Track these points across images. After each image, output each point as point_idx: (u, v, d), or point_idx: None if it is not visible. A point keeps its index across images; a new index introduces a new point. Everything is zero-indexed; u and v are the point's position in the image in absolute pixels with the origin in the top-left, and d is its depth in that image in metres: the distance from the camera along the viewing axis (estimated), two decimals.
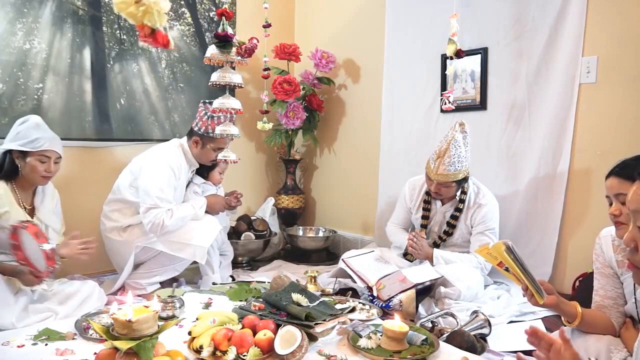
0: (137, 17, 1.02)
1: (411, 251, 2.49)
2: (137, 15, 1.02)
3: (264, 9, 2.23)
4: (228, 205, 2.73)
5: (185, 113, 3.20)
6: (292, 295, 1.90)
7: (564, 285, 2.38)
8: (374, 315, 2.08)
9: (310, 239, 3.42)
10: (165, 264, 2.49)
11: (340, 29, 3.46)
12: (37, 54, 2.59)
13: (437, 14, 2.76)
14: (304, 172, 3.81)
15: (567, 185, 2.39)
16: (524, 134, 2.54)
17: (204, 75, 3.18)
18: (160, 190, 2.40)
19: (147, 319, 1.41)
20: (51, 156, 2.09)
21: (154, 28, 1.04)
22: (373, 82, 3.24)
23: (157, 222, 2.36)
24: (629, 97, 2.18)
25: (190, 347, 1.66)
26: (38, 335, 1.82)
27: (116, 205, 2.53)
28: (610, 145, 2.24)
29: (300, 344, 1.60)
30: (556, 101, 2.39)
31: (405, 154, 3.03)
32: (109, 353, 1.45)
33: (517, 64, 2.53)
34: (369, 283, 2.31)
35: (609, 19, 2.21)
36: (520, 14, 2.49)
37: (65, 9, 2.68)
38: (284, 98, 3.25)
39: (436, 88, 2.85)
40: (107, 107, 2.86)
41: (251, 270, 3.07)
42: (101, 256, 2.63)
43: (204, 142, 2.55)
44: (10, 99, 2.52)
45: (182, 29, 3.16)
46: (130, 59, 2.94)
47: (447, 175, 2.32)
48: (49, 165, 2.09)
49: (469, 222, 2.47)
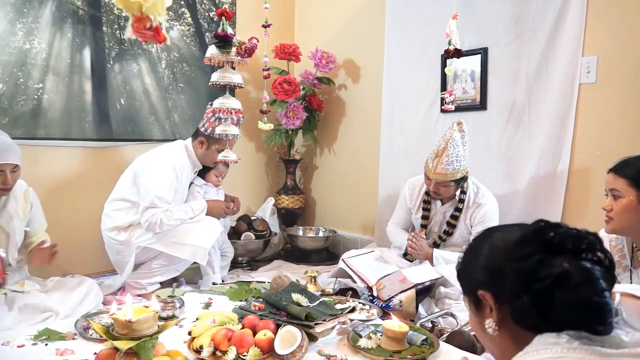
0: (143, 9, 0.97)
1: (411, 251, 2.49)
2: (147, 6, 0.97)
3: (264, 9, 2.23)
4: (226, 212, 2.72)
5: (185, 113, 3.20)
6: (292, 295, 1.90)
7: None
8: (374, 315, 2.08)
9: (310, 239, 3.42)
10: (166, 264, 2.49)
11: (340, 29, 3.46)
12: (37, 54, 2.59)
13: (437, 14, 2.76)
14: (304, 172, 3.81)
15: (567, 185, 2.39)
16: (524, 134, 2.54)
17: (204, 75, 3.18)
18: (161, 190, 2.40)
19: (147, 319, 1.42)
20: (5, 169, 1.96)
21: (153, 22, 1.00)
22: (373, 82, 3.24)
23: (154, 222, 2.36)
24: (629, 97, 2.18)
25: (190, 347, 1.66)
26: (38, 335, 1.82)
27: (118, 204, 2.53)
28: (610, 145, 2.23)
29: (300, 344, 1.60)
30: (556, 101, 2.39)
31: (405, 154, 3.03)
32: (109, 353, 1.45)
33: (517, 64, 2.52)
34: (369, 283, 2.31)
35: (609, 19, 2.21)
36: (520, 14, 2.49)
37: (65, 9, 2.68)
38: (284, 98, 3.25)
39: (436, 88, 2.85)
40: (107, 107, 2.86)
41: (251, 270, 3.07)
42: (101, 256, 2.63)
43: (209, 143, 2.56)
44: (10, 99, 2.52)
45: (182, 29, 3.15)
46: (130, 59, 2.94)
47: (446, 174, 2.32)
48: (5, 178, 1.97)
49: (468, 222, 2.47)
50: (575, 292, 0.77)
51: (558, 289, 0.78)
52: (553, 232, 0.82)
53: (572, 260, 0.79)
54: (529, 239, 0.83)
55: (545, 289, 0.78)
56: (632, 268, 1.58)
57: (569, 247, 0.80)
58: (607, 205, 1.54)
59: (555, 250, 0.80)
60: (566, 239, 0.81)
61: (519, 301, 0.81)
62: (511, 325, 0.84)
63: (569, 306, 0.78)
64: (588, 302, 0.77)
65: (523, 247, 0.83)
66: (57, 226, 2.37)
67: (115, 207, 2.53)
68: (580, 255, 0.79)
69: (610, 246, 1.63)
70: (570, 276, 0.78)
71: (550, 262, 0.79)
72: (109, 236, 2.51)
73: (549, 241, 0.81)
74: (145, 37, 1.02)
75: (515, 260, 0.82)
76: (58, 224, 2.39)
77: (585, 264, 0.79)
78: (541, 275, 0.79)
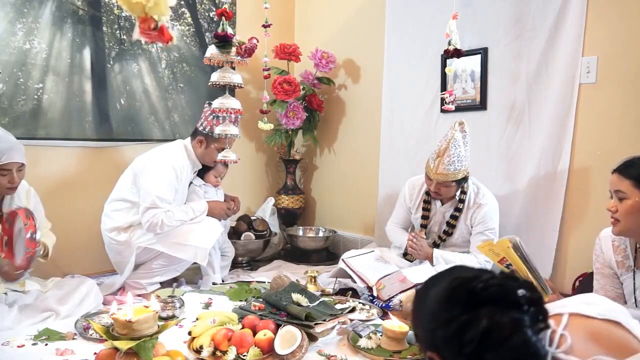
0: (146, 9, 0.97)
1: (411, 251, 2.49)
2: (149, 6, 0.97)
3: (264, 9, 2.23)
4: (227, 214, 2.71)
5: (185, 113, 3.20)
6: (292, 295, 1.90)
7: (564, 285, 2.38)
8: (374, 315, 2.08)
9: (310, 239, 3.42)
10: (166, 265, 2.49)
11: (340, 29, 3.46)
12: (37, 54, 2.59)
13: (437, 14, 2.76)
14: (304, 172, 3.81)
15: (567, 185, 2.39)
16: (524, 134, 2.54)
17: (204, 75, 3.18)
18: (161, 190, 2.40)
19: (147, 319, 1.42)
20: (12, 168, 1.98)
21: (158, 22, 1.00)
22: (373, 82, 3.23)
23: (155, 222, 2.36)
24: (629, 97, 2.18)
25: (190, 347, 1.66)
26: (38, 335, 1.82)
27: (118, 204, 2.53)
28: (611, 145, 2.23)
29: (300, 344, 1.60)
30: (556, 101, 2.39)
31: (405, 154, 3.03)
32: (109, 353, 1.46)
33: (517, 64, 2.52)
34: (369, 283, 2.32)
35: (609, 19, 2.21)
36: (520, 14, 2.49)
37: (65, 9, 2.67)
38: (284, 98, 3.25)
39: (436, 88, 2.85)
40: (107, 107, 2.86)
41: (251, 270, 3.07)
42: (101, 256, 2.63)
43: (208, 142, 2.56)
44: (10, 99, 2.52)
45: (182, 29, 3.15)
46: (130, 59, 2.94)
47: (447, 174, 2.32)
48: (11, 177, 1.98)
49: (468, 222, 2.47)
50: (504, 347, 0.77)
51: (487, 348, 0.77)
52: (473, 284, 0.81)
53: (496, 311, 0.78)
54: (449, 300, 0.83)
55: (474, 351, 0.78)
56: (635, 268, 1.58)
57: (492, 297, 0.79)
58: (612, 206, 1.52)
59: (480, 303, 0.80)
60: (487, 289, 0.80)
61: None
62: None
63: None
64: (518, 353, 0.77)
65: (446, 311, 0.82)
66: (57, 226, 2.37)
67: (115, 207, 2.53)
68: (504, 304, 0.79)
69: (613, 246, 1.62)
70: (495, 330, 0.77)
71: (474, 319, 0.79)
72: (109, 237, 2.51)
73: (470, 294, 0.81)
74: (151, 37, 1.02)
75: (442, 326, 0.82)
76: (58, 224, 2.39)
77: (511, 313, 0.78)
78: (467, 339, 0.78)
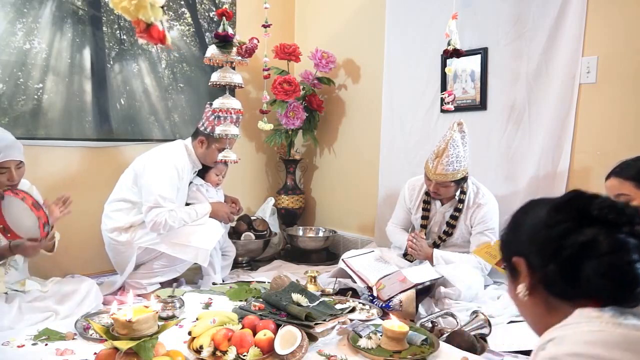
0: (131, 12, 1.00)
1: (411, 252, 2.49)
2: (131, 10, 0.99)
3: (264, 9, 2.23)
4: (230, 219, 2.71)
5: (185, 113, 3.20)
6: (292, 295, 1.90)
7: None
8: (374, 315, 2.08)
9: (310, 239, 3.42)
10: (167, 265, 2.49)
11: (340, 29, 3.46)
12: (37, 54, 2.59)
13: (437, 14, 2.76)
14: (304, 172, 3.81)
15: (567, 185, 2.38)
16: (524, 134, 2.54)
17: (204, 75, 3.18)
18: (163, 189, 2.40)
19: (147, 319, 1.42)
20: (10, 165, 1.96)
21: (149, 23, 1.02)
22: (373, 82, 3.24)
23: (159, 221, 2.36)
24: (629, 97, 2.18)
25: (190, 347, 1.66)
26: (38, 335, 1.82)
27: (118, 204, 2.53)
28: (610, 145, 2.23)
29: (300, 344, 1.60)
30: (556, 101, 2.39)
31: (405, 154, 3.03)
32: (109, 353, 1.46)
33: (517, 64, 2.52)
34: (369, 283, 2.31)
35: (609, 19, 2.21)
36: (520, 14, 2.49)
37: (65, 9, 2.67)
38: (284, 98, 3.25)
39: (436, 88, 2.85)
40: (107, 107, 2.86)
41: (251, 270, 3.07)
42: (101, 256, 2.63)
43: (209, 142, 2.56)
44: (10, 99, 2.52)
45: (182, 29, 3.15)
46: (130, 59, 2.94)
47: (446, 175, 2.32)
48: (10, 175, 1.97)
49: (468, 222, 2.47)
50: (602, 260, 0.77)
51: (585, 258, 0.78)
52: (588, 201, 0.82)
53: (604, 230, 0.78)
54: (562, 207, 0.84)
55: (571, 256, 0.79)
56: None
57: (604, 218, 0.79)
58: None
59: (590, 221, 0.80)
60: (602, 209, 0.80)
61: (547, 268, 0.81)
62: (543, 292, 0.84)
63: (595, 275, 0.77)
64: (615, 271, 0.77)
65: (556, 215, 0.83)
66: (57, 226, 2.36)
67: (115, 207, 2.53)
68: (615, 227, 0.79)
69: None
70: (597, 245, 0.77)
71: (580, 230, 0.79)
72: (110, 237, 2.50)
73: (582, 210, 0.81)
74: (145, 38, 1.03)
75: (547, 227, 0.83)
76: (58, 224, 2.38)
77: (619, 235, 0.78)
78: (567, 243, 0.79)
